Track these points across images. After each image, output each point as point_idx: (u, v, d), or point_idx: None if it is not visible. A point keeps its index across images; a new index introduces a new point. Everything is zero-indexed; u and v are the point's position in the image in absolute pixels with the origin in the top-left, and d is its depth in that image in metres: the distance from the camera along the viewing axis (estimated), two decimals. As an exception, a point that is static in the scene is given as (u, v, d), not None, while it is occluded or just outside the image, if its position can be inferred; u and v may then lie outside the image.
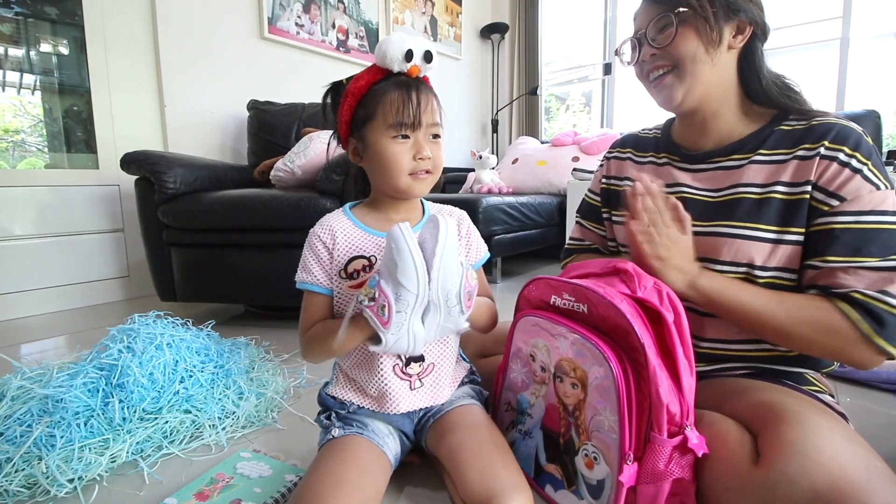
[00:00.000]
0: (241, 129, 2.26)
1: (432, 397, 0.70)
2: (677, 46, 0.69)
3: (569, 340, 0.62)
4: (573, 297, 0.65)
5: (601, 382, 0.58)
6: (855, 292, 0.59)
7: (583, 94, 4.54)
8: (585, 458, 0.61)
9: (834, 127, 0.64)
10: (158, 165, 1.55)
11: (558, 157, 2.79)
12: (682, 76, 0.70)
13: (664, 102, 0.74)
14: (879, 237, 0.60)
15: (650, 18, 0.71)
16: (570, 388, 0.63)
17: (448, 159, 3.40)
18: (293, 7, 2.45)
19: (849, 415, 0.64)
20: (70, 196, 1.89)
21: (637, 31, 0.74)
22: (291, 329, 1.52)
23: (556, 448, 0.66)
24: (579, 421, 0.62)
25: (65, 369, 0.94)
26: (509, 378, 0.75)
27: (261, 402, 0.98)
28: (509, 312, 0.77)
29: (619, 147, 0.91)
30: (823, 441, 0.50)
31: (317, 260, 0.67)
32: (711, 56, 0.69)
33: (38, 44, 1.88)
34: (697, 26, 0.67)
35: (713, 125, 0.74)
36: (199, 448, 0.85)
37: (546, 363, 0.67)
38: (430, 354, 0.69)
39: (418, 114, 0.63)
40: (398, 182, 0.65)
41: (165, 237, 1.58)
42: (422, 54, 0.64)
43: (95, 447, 0.80)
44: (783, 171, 0.66)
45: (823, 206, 0.63)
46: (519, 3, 3.56)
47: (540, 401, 0.68)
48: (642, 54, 0.73)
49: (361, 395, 0.69)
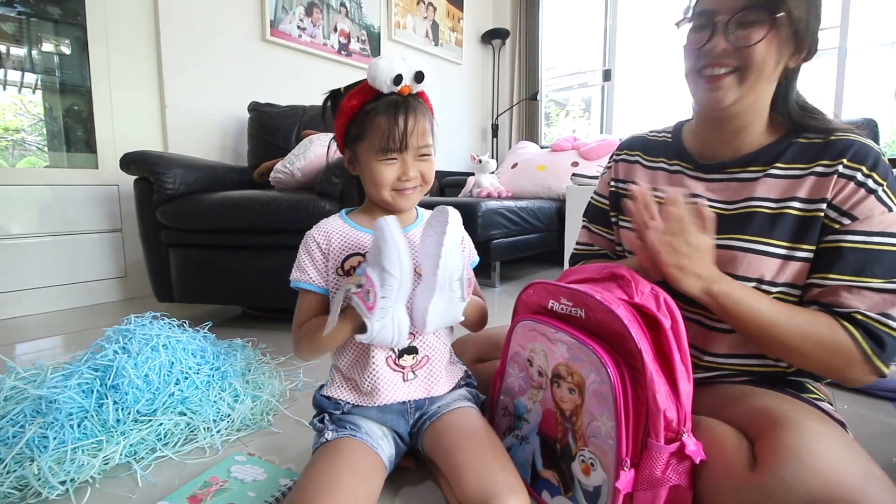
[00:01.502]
0: (241, 130, 2.26)
1: (427, 389, 0.71)
2: (758, 51, 0.61)
3: (566, 345, 0.62)
4: (571, 302, 0.64)
5: (598, 388, 0.58)
6: (857, 313, 0.59)
7: (582, 99, 4.56)
8: (582, 463, 0.60)
9: (854, 144, 0.63)
10: (157, 166, 1.55)
11: (558, 162, 2.80)
12: (744, 81, 0.64)
13: (712, 102, 0.66)
14: (885, 259, 0.59)
15: (738, 8, 0.61)
16: (568, 394, 0.62)
17: (448, 163, 3.42)
18: (295, 10, 2.46)
19: (847, 422, 0.64)
20: (69, 195, 1.88)
21: (713, 14, 0.63)
22: (289, 331, 1.50)
23: (552, 454, 0.65)
24: (576, 426, 0.61)
25: (59, 370, 0.93)
26: (506, 382, 0.75)
27: (256, 404, 0.97)
28: (507, 316, 0.77)
29: (628, 149, 0.86)
30: (821, 447, 0.50)
31: (310, 260, 0.70)
32: (776, 69, 0.64)
33: (40, 43, 1.89)
34: (784, 37, 0.62)
35: (741, 136, 0.70)
36: (193, 451, 0.84)
37: (543, 368, 0.66)
38: (423, 347, 0.71)
39: (405, 139, 0.65)
40: (383, 196, 0.69)
41: (164, 238, 1.58)
42: (412, 76, 0.66)
43: (88, 449, 0.79)
44: (799, 186, 0.64)
45: (834, 224, 0.62)
46: (520, 9, 3.58)
47: (537, 406, 0.68)
48: (711, 44, 0.64)
49: (356, 392, 0.70)
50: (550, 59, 3.72)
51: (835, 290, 0.61)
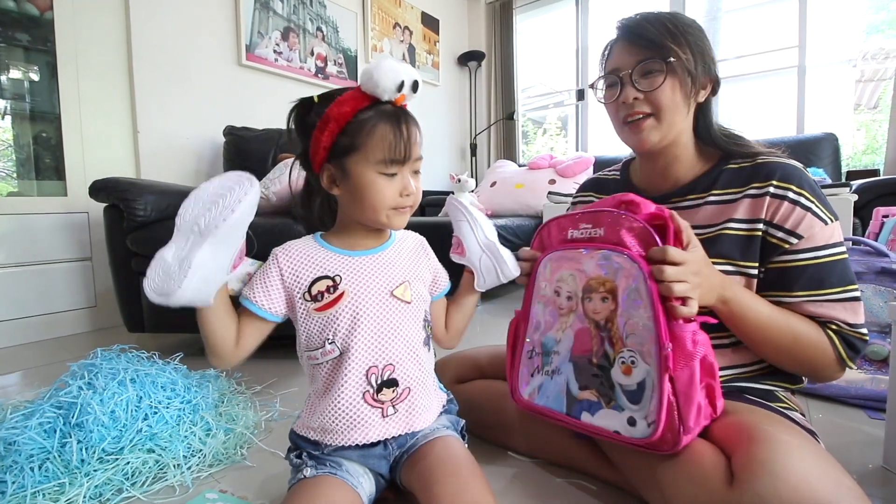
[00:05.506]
0: (217, 155, 2.24)
1: (407, 424, 0.65)
2: (664, 92, 0.71)
3: (595, 259, 0.66)
4: (590, 224, 0.69)
5: (632, 284, 0.62)
6: (832, 323, 0.66)
7: (559, 118, 4.66)
8: (622, 365, 0.63)
9: (778, 167, 0.69)
10: (128, 192, 1.52)
11: (535, 180, 2.84)
12: (661, 121, 0.72)
13: (637, 144, 0.76)
14: (835, 269, 0.66)
15: (636, 60, 0.72)
16: (601, 303, 0.66)
17: (427, 183, 3.44)
18: (271, 35, 2.48)
19: (819, 431, 0.65)
20: (36, 224, 1.83)
21: (617, 71, 0.74)
22: (264, 360, 1.47)
23: (588, 373, 0.67)
24: (612, 332, 0.64)
25: (20, 408, 0.89)
26: (532, 324, 0.75)
27: (229, 438, 0.94)
28: (489, 336, 0.76)
29: (582, 191, 0.97)
30: (794, 461, 0.51)
31: (262, 279, 0.64)
32: (686, 106, 0.73)
33: (7, 70, 1.85)
34: (681, 78, 0.71)
35: (673, 167, 0.78)
36: (162, 490, 0.81)
37: (573, 291, 0.69)
38: (404, 379, 0.65)
39: (409, 149, 0.62)
40: (379, 216, 0.64)
41: (134, 265, 1.54)
42: (411, 84, 0.62)
43: (50, 493, 0.75)
44: (734, 209, 0.71)
45: (784, 244, 0.67)
46: (494, 32, 3.67)
47: (568, 332, 0.70)
48: (623, 96, 0.74)
49: (331, 433, 0.64)
50: (526, 80, 3.82)
51: (799, 305, 0.67)
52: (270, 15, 2.47)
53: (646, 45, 0.71)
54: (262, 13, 2.43)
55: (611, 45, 0.78)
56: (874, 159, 3.06)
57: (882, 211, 1.53)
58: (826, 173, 2.25)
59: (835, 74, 2.85)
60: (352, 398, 0.62)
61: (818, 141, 2.39)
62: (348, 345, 0.62)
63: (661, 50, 0.70)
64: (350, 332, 0.62)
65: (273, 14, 2.48)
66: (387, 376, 0.64)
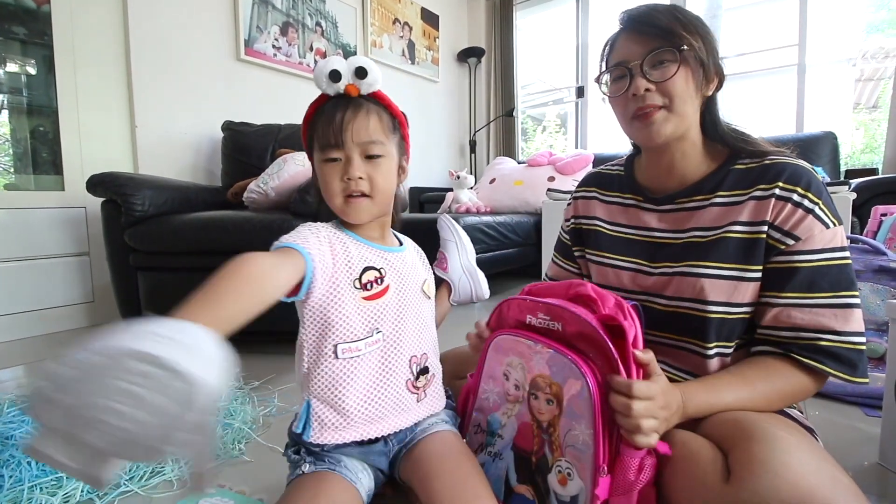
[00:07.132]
0: (215, 150, 2.23)
1: (431, 407, 0.71)
2: (677, 82, 0.68)
3: (545, 357, 0.62)
4: (548, 316, 0.65)
5: (577, 397, 0.58)
6: (821, 340, 0.62)
7: (558, 115, 4.66)
8: (559, 474, 0.60)
9: (787, 168, 0.67)
10: (126, 187, 1.51)
11: (534, 177, 2.84)
12: (673, 114, 0.69)
13: (648, 138, 0.71)
14: (830, 273, 0.64)
15: (646, 50, 0.69)
16: (545, 405, 0.63)
17: (426, 179, 3.43)
18: (270, 30, 2.47)
19: (817, 428, 0.65)
20: (33, 218, 1.82)
21: (625, 62, 0.71)
22: (261, 355, 1.47)
23: (527, 468, 0.65)
24: (553, 437, 0.62)
25: (18, 402, 0.89)
26: (480, 399, 0.74)
27: (227, 433, 0.94)
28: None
29: (584, 186, 0.92)
30: (792, 458, 0.51)
31: (316, 238, 0.59)
32: (696, 98, 0.70)
33: (4, 63, 1.84)
34: (693, 68, 0.68)
35: (681, 164, 0.75)
36: (160, 484, 0.81)
37: (520, 381, 0.66)
38: (432, 366, 0.70)
39: (339, 132, 0.62)
40: (334, 204, 0.64)
41: (132, 261, 1.53)
42: (352, 72, 0.63)
43: (48, 486, 0.75)
44: (740, 211, 0.69)
45: (780, 245, 0.66)
46: (494, 28, 3.66)
47: (512, 420, 0.68)
48: (634, 88, 0.70)
49: (377, 421, 0.64)
50: (525, 77, 3.81)
51: (786, 308, 0.65)
52: (269, 10, 2.46)
53: (656, 34, 0.68)
54: (260, 8, 2.41)
55: (614, 38, 0.75)
56: (873, 158, 3.07)
57: (880, 209, 1.53)
58: (825, 172, 2.25)
59: (834, 73, 2.86)
60: (400, 385, 0.66)
61: (817, 139, 2.40)
62: (398, 335, 0.66)
63: (673, 38, 0.67)
64: (397, 322, 0.66)
65: (272, 9, 2.47)
66: (423, 364, 0.69)
